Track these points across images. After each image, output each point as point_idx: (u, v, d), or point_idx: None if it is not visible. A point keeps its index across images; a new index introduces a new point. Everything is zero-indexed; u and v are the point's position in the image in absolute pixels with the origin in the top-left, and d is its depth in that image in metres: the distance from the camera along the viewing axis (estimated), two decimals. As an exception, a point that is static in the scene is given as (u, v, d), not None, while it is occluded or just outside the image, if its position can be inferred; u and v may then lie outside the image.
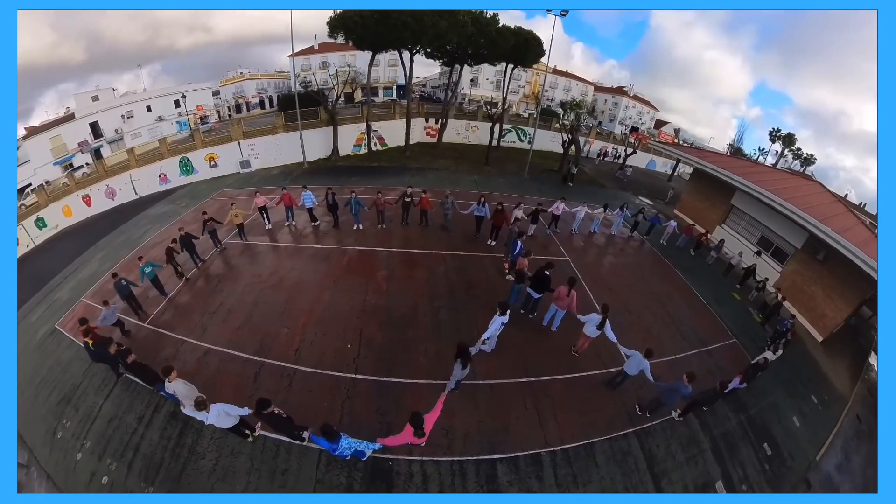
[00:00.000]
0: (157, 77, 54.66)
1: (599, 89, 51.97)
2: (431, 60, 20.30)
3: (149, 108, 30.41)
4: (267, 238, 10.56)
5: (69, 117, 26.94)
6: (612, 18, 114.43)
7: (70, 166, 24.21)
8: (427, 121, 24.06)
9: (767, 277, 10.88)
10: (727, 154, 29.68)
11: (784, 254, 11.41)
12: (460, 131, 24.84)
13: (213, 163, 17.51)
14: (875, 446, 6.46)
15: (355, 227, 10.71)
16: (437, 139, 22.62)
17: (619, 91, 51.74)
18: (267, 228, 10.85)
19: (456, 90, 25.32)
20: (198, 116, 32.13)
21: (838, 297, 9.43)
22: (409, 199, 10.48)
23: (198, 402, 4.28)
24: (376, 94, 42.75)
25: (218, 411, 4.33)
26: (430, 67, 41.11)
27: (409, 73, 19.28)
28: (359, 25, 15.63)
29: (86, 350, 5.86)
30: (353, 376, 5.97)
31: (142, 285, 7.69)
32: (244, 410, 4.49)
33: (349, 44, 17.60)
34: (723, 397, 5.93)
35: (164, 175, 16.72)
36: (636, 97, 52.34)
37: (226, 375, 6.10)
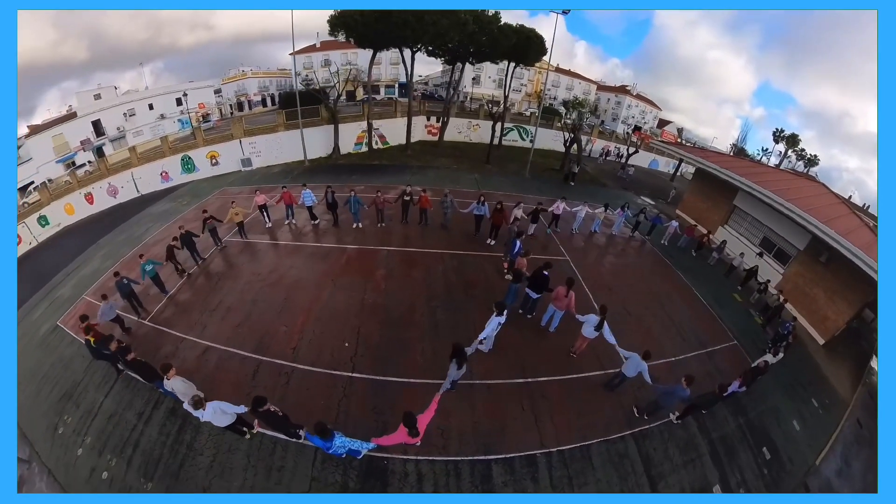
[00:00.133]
0: (160, 75, 54.76)
1: (602, 88, 51.68)
2: (433, 59, 20.25)
3: (151, 107, 30.52)
4: (267, 236, 10.59)
5: (71, 115, 27.10)
6: (616, 17, 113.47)
7: (72, 164, 24.37)
8: (428, 119, 24.02)
9: (769, 279, 10.79)
10: (730, 154, 29.40)
11: (786, 255, 11.32)
12: (462, 130, 24.79)
13: (215, 161, 17.57)
14: (875, 452, 6.40)
15: (355, 226, 10.72)
16: (439, 137, 22.60)
17: (622, 90, 51.42)
18: (267, 227, 10.89)
19: (457, 88, 25.26)
20: (200, 114, 32.23)
21: (840, 300, 9.35)
22: (409, 198, 10.48)
23: (195, 401, 4.31)
24: (378, 93, 42.77)
25: (214, 409, 4.36)
26: (433, 66, 41.09)
27: (411, 72, 19.24)
28: (359, 23, 15.61)
29: (87, 348, 5.91)
30: (350, 375, 5.99)
31: (143, 283, 7.74)
32: (240, 409, 4.52)
33: (350, 42, 17.58)
34: (722, 401, 5.88)
35: (166, 173, 16.80)
36: (639, 96, 52.01)
37: (224, 373, 6.14)
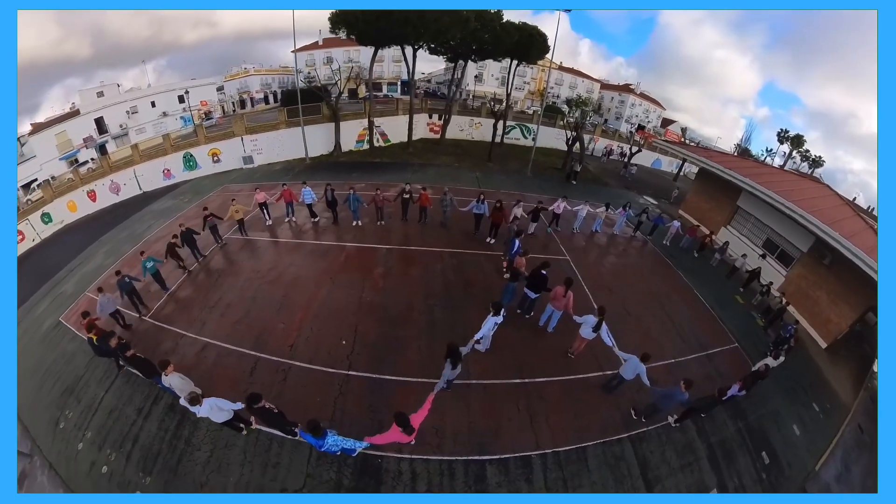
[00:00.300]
0: (163, 72, 55.03)
1: (606, 87, 51.30)
2: (436, 56, 20.15)
3: (153, 104, 30.65)
4: (267, 234, 10.62)
5: (74, 113, 27.26)
6: (620, 15, 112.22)
7: (75, 162, 24.60)
8: (430, 117, 23.93)
9: (772, 281, 10.69)
10: (734, 154, 29.11)
11: (790, 257, 11.19)
12: (464, 128, 24.69)
13: (216, 158, 17.62)
14: (875, 457, 6.33)
15: (354, 224, 10.72)
16: (440, 135, 22.52)
17: (626, 89, 51.03)
18: (267, 224, 10.92)
19: (459, 86, 25.14)
20: (202, 112, 32.34)
21: (843, 303, 9.23)
22: (408, 196, 10.46)
23: (191, 398, 4.34)
24: (380, 90, 42.69)
25: (210, 406, 4.40)
26: (435, 63, 40.99)
27: (412, 69, 19.16)
28: (360, 21, 15.56)
29: (89, 345, 5.96)
30: (347, 373, 6.01)
31: (144, 280, 7.79)
32: (237, 405, 4.56)
33: (352, 39, 17.53)
34: (721, 404, 5.81)
35: (168, 170, 16.87)
36: (643, 95, 51.62)
37: (222, 369, 6.19)
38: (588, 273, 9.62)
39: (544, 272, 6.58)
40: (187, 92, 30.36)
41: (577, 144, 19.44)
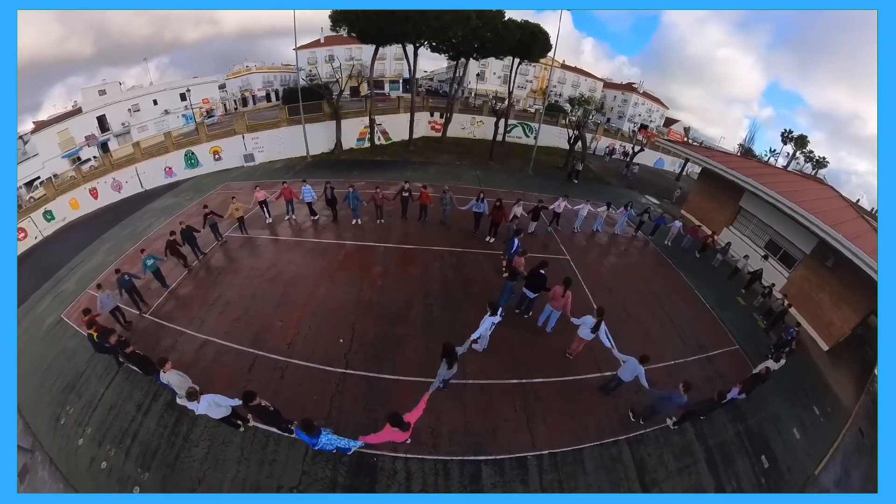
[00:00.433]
0: (165, 70, 55.14)
1: (609, 85, 50.96)
2: (437, 54, 20.06)
3: (155, 102, 30.75)
4: (267, 232, 10.65)
5: (77, 111, 27.40)
6: (624, 14, 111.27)
7: (77, 159, 24.76)
8: (432, 115, 23.86)
9: (774, 283, 10.58)
10: (737, 154, 28.85)
11: (792, 259, 11.07)
12: (465, 126, 24.62)
13: (218, 156, 17.67)
14: (875, 461, 6.27)
15: (354, 222, 10.72)
16: (442, 134, 22.47)
17: (629, 88, 50.69)
18: (267, 222, 10.94)
19: (461, 84, 25.06)
20: (204, 110, 32.42)
21: (846, 306, 9.11)
22: (408, 194, 10.44)
23: (189, 393, 4.37)
24: (382, 88, 42.60)
25: (208, 402, 4.42)
26: (438, 61, 40.80)
27: (414, 67, 19.10)
28: (361, 19, 15.54)
29: (90, 341, 5.99)
30: (344, 371, 6.02)
31: (144, 277, 7.83)
32: (234, 402, 4.57)
33: (353, 37, 17.48)
34: (720, 407, 5.72)
35: (170, 168, 16.94)
36: (646, 94, 51.25)
37: (221, 366, 6.22)
38: (588, 273, 9.57)
39: (543, 272, 6.54)
40: (189, 90, 30.41)
41: (579, 143, 19.34)
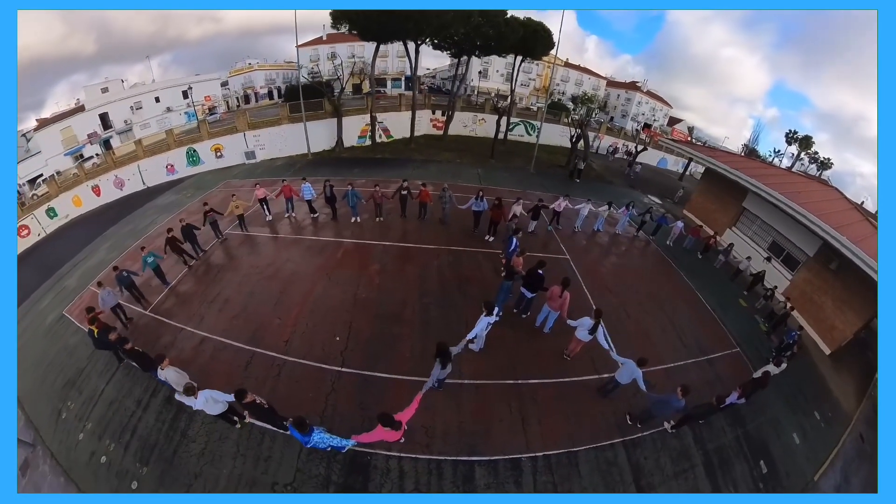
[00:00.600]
0: (168, 68, 55.21)
1: (612, 84, 50.63)
2: (439, 52, 19.96)
3: (157, 100, 30.87)
4: (267, 229, 10.68)
5: (79, 109, 27.58)
6: (628, 12, 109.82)
7: (80, 157, 24.87)
8: (434, 113, 23.78)
9: (776, 285, 10.46)
10: (741, 155, 28.52)
11: (795, 261, 10.95)
12: (467, 124, 24.52)
13: (219, 153, 17.73)
14: (875, 467, 6.18)
15: (353, 220, 10.72)
16: (443, 131, 22.39)
17: (632, 86, 50.33)
18: (267, 220, 10.97)
19: (463, 82, 24.93)
20: (206, 107, 32.51)
21: (849, 310, 8.99)
22: (406, 192, 10.41)
23: (186, 388, 4.41)
24: (385, 86, 42.48)
25: (205, 397, 4.46)
26: (441, 59, 40.66)
27: (415, 64, 19.02)
28: (361, 16, 15.49)
29: (90, 337, 6.05)
30: (340, 369, 6.04)
31: (143, 274, 7.89)
32: (230, 397, 4.60)
33: (354, 35, 17.44)
34: (719, 412, 5.60)
35: (172, 165, 17.01)
36: (649, 93, 50.85)
37: (218, 363, 6.27)
38: (588, 273, 9.50)
39: (541, 272, 6.50)
40: (190, 88, 30.49)
41: (582, 142, 19.21)
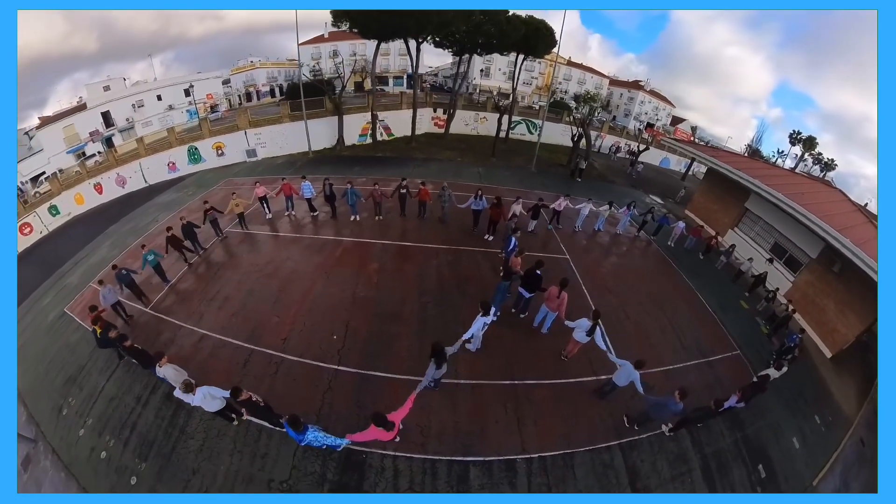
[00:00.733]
0: (170, 65, 55.41)
1: (615, 83, 50.34)
2: (441, 50, 19.89)
3: (159, 98, 30.94)
4: (267, 227, 10.71)
5: (81, 107, 27.69)
6: (632, 11, 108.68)
7: (82, 155, 24.99)
8: (435, 111, 23.72)
9: (778, 287, 10.36)
10: (744, 155, 28.27)
11: (798, 263, 10.85)
12: (469, 122, 24.45)
13: (220, 152, 17.77)
14: (875, 472, 6.13)
15: (352, 219, 10.73)
16: (445, 130, 22.34)
17: (635, 85, 50.00)
18: (267, 218, 11.00)
19: (465, 80, 24.85)
20: (207, 105, 32.56)
21: (851, 313, 8.88)
22: (405, 191, 10.40)
23: (185, 385, 4.45)
24: (387, 84, 42.40)
25: (203, 394, 4.51)
26: (443, 57, 40.40)
27: (416, 62, 18.95)
28: (362, 14, 15.44)
29: (94, 336, 6.07)
30: (336, 367, 6.07)
31: (143, 272, 7.94)
32: (226, 392, 4.64)
33: (355, 32, 17.39)
34: (718, 415, 5.48)
35: (173, 163, 17.07)
36: (652, 92, 50.52)
37: (217, 361, 6.31)
38: (587, 273, 9.45)
39: (538, 272, 6.48)
40: (192, 86, 30.54)
41: (583, 141, 19.10)
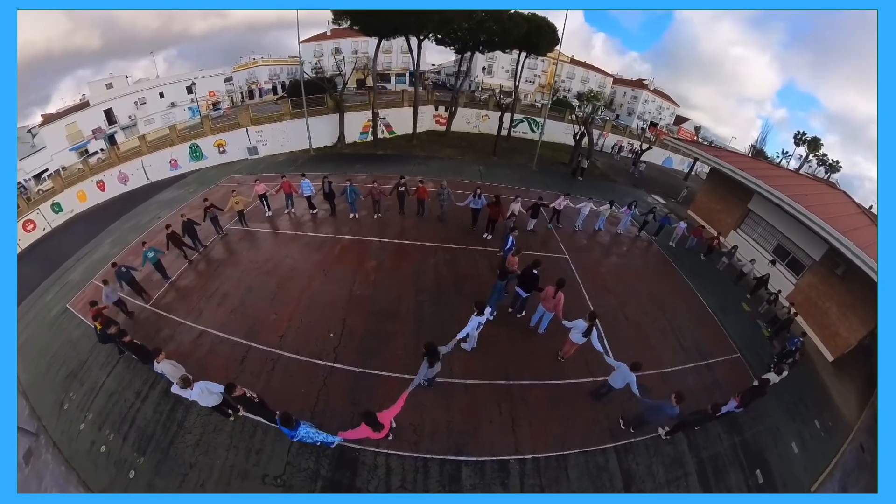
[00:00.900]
0: (173, 62, 55.52)
1: (618, 82, 49.97)
2: (443, 47, 19.78)
3: (161, 95, 31.00)
4: (266, 225, 10.76)
5: (84, 104, 27.83)
6: (636, 10, 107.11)
7: (85, 152, 25.20)
8: (436, 109, 23.64)
9: (780, 289, 10.28)
10: (748, 155, 27.92)
11: (800, 265, 10.73)
12: (471, 120, 24.34)
13: (222, 149, 17.84)
14: (875, 477, 6.06)
15: (351, 216, 10.76)
16: (446, 128, 22.27)
17: (639, 84, 49.58)
18: (267, 215, 11.05)
19: (466, 78, 24.71)
20: (210, 102, 32.63)
21: (854, 317, 8.76)
22: (403, 189, 10.40)
23: (182, 380, 4.50)
24: (389, 81, 42.31)
25: (200, 389, 4.57)
26: (445, 54, 40.23)
27: (418, 60, 18.88)
28: (363, 11, 15.37)
29: (96, 333, 6.14)
30: (332, 365, 6.10)
31: (143, 269, 8.02)
32: (221, 387, 4.68)
33: (356, 30, 17.36)
34: (715, 419, 5.44)
35: (175, 161, 17.16)
36: (656, 91, 50.10)
37: (215, 357, 6.38)
38: (587, 273, 9.38)
39: (535, 271, 6.46)
40: (194, 83, 30.62)
41: (585, 139, 18.97)
